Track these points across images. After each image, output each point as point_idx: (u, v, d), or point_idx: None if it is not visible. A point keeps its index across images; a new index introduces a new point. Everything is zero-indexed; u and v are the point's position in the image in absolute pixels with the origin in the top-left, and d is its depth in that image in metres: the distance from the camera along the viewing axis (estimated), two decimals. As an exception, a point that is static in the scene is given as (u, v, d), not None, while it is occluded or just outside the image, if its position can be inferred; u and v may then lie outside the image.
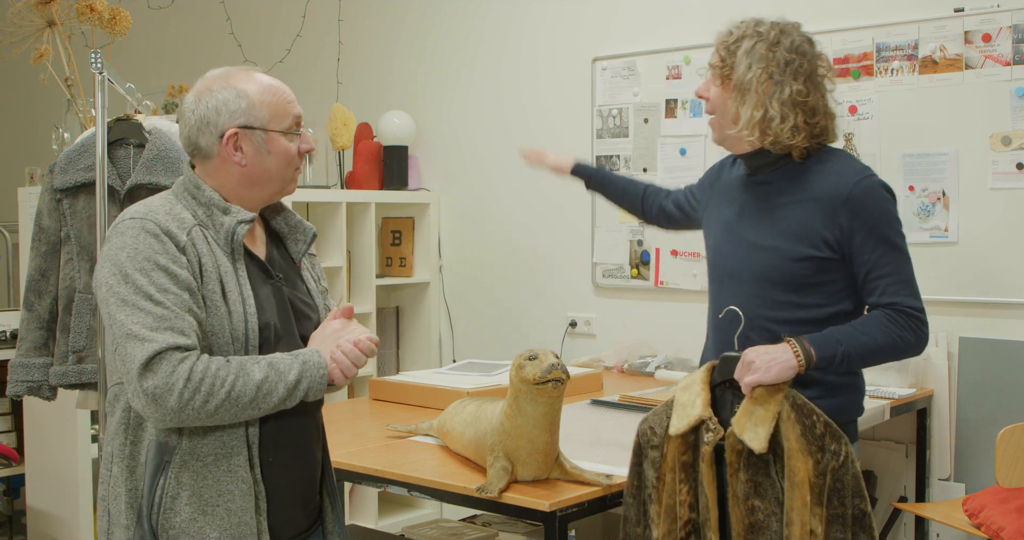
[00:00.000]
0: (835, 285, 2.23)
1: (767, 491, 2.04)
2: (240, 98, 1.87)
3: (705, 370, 2.17)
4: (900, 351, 2.19)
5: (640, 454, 2.22)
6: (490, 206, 4.53)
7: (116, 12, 3.41)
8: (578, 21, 4.24)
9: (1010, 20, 3.29)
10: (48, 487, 3.98)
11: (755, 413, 2.04)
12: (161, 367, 1.71)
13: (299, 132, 1.93)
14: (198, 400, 1.72)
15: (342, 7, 4.95)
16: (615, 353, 3.97)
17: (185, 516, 1.79)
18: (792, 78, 2.22)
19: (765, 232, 2.27)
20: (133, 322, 1.73)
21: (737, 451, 2.05)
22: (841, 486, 2.01)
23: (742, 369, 2.08)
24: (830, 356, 2.11)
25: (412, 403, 3.20)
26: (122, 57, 4.42)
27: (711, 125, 2.34)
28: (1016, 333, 3.33)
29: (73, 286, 2.92)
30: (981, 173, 3.35)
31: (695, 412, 2.11)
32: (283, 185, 1.94)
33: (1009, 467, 3.01)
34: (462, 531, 3.36)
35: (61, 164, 2.95)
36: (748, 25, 2.27)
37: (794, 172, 2.27)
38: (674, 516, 2.13)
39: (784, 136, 2.21)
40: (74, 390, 2.97)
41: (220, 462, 1.80)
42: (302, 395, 1.82)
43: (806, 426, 2.02)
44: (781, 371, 2.05)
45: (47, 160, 3.58)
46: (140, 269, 1.76)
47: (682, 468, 2.13)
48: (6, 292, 6.03)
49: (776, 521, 2.03)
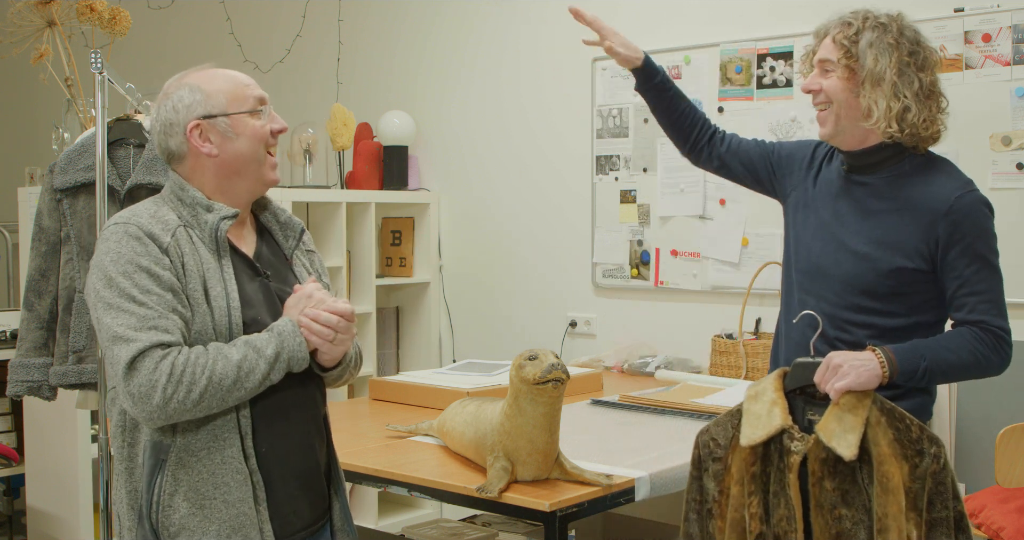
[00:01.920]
0: (922, 296, 2.20)
1: (854, 499, 1.98)
2: (194, 92, 1.90)
3: (777, 377, 2.09)
4: (982, 370, 2.16)
5: (700, 467, 2.13)
6: (490, 206, 4.53)
7: (116, 12, 3.41)
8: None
9: (1010, 20, 3.29)
10: (48, 487, 3.98)
11: (844, 419, 1.97)
12: (144, 365, 1.73)
13: (265, 110, 1.94)
14: (181, 392, 1.73)
15: (342, 7, 4.95)
16: (615, 353, 3.97)
17: (184, 512, 1.80)
18: (918, 69, 2.20)
19: (860, 237, 2.23)
20: (118, 324, 1.76)
21: (821, 460, 1.99)
22: (943, 489, 1.96)
23: (827, 374, 2.01)
24: (912, 369, 2.08)
25: (412, 403, 3.20)
26: (122, 57, 4.42)
27: (823, 118, 2.27)
28: (1016, 333, 3.32)
29: (73, 286, 2.92)
30: (981, 173, 3.34)
31: (775, 422, 2.02)
32: (259, 169, 1.93)
33: (1009, 467, 3.01)
34: (462, 531, 3.36)
35: (61, 164, 2.95)
36: (862, 16, 2.22)
37: (896, 176, 2.25)
38: (741, 529, 2.05)
39: (920, 127, 2.20)
40: (74, 390, 2.97)
41: (213, 454, 1.82)
42: (285, 367, 1.83)
43: (899, 430, 1.97)
44: (870, 377, 2.00)
45: (47, 160, 3.58)
46: (123, 272, 1.78)
47: (751, 480, 2.05)
48: (6, 292, 6.03)
49: (864, 529, 1.97)
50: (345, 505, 2.08)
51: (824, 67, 2.25)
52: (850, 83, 2.21)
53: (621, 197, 4.12)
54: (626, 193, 4.11)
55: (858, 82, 2.20)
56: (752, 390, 2.12)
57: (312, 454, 1.99)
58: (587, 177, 4.22)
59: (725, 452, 2.11)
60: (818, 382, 2.02)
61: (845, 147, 2.29)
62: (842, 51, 2.21)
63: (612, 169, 4.14)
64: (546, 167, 4.36)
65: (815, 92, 2.27)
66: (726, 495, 2.10)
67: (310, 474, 1.98)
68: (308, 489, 1.97)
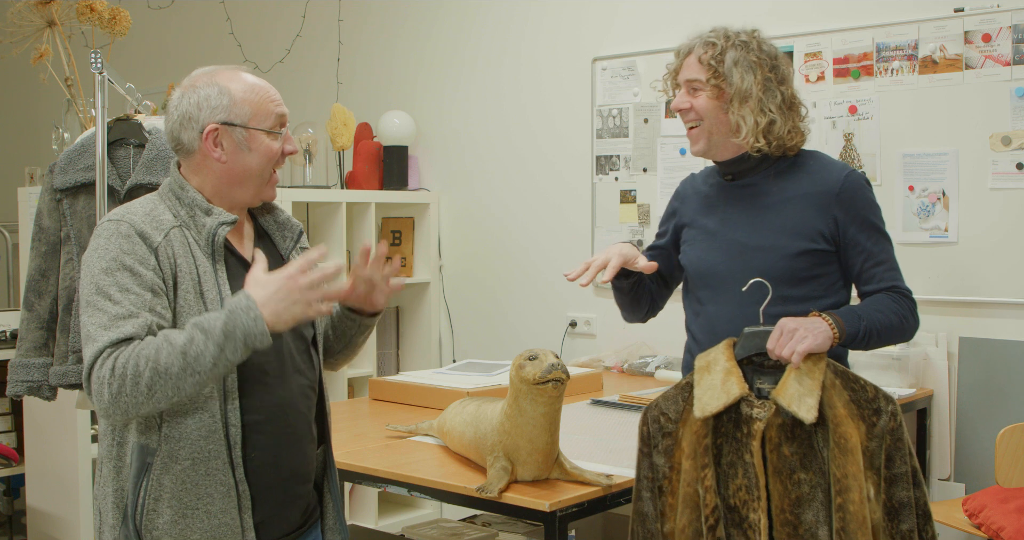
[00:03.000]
0: (830, 277, 2.28)
1: (811, 462, 2.01)
2: (222, 95, 1.87)
3: (727, 347, 2.10)
4: (903, 332, 2.24)
5: (650, 443, 2.13)
6: (490, 206, 4.53)
7: (116, 12, 3.41)
8: (578, 21, 4.24)
9: (1010, 20, 3.29)
10: (48, 487, 3.98)
11: (802, 383, 2.00)
12: (98, 363, 1.72)
13: (282, 132, 1.93)
14: (128, 386, 1.70)
15: (342, 7, 4.95)
16: (615, 353, 3.97)
17: (167, 518, 1.80)
18: (779, 83, 2.29)
19: (757, 233, 2.29)
20: (92, 322, 1.76)
21: (778, 425, 2.01)
22: (901, 445, 2.00)
23: (782, 339, 2.03)
24: (855, 331, 2.13)
25: (412, 403, 3.20)
26: (122, 57, 4.42)
27: (696, 136, 2.33)
28: (1016, 333, 3.33)
29: (73, 286, 2.92)
30: (981, 173, 3.35)
31: (733, 391, 2.03)
32: (261, 185, 1.93)
33: (1009, 467, 3.01)
34: (462, 531, 3.36)
35: (61, 164, 2.95)
36: (723, 35, 2.30)
37: (777, 173, 2.32)
38: (695, 504, 2.05)
39: (786, 138, 2.28)
40: (74, 390, 2.97)
41: (198, 465, 1.80)
42: (240, 345, 1.72)
43: (855, 391, 2.01)
44: (825, 339, 2.05)
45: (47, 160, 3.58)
46: (105, 269, 1.78)
47: (704, 452, 2.05)
48: (6, 292, 6.03)
49: (821, 491, 2.00)
50: (338, 504, 2.08)
51: (692, 86, 2.31)
52: (719, 101, 2.28)
53: (621, 197, 4.12)
54: (626, 193, 4.11)
55: (726, 100, 2.27)
56: (702, 361, 2.12)
57: (304, 457, 1.97)
58: (587, 177, 4.22)
59: (675, 427, 2.11)
60: (771, 349, 2.05)
61: (720, 158, 2.36)
62: (710, 71, 2.27)
63: (612, 169, 4.14)
64: (546, 167, 4.36)
65: (685, 111, 2.33)
66: (677, 471, 2.10)
67: (301, 477, 1.96)
68: (297, 492, 1.96)
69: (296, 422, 1.94)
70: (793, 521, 2.00)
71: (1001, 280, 3.34)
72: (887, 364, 3.36)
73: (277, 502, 1.91)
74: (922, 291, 2.26)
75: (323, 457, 2.06)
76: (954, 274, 3.39)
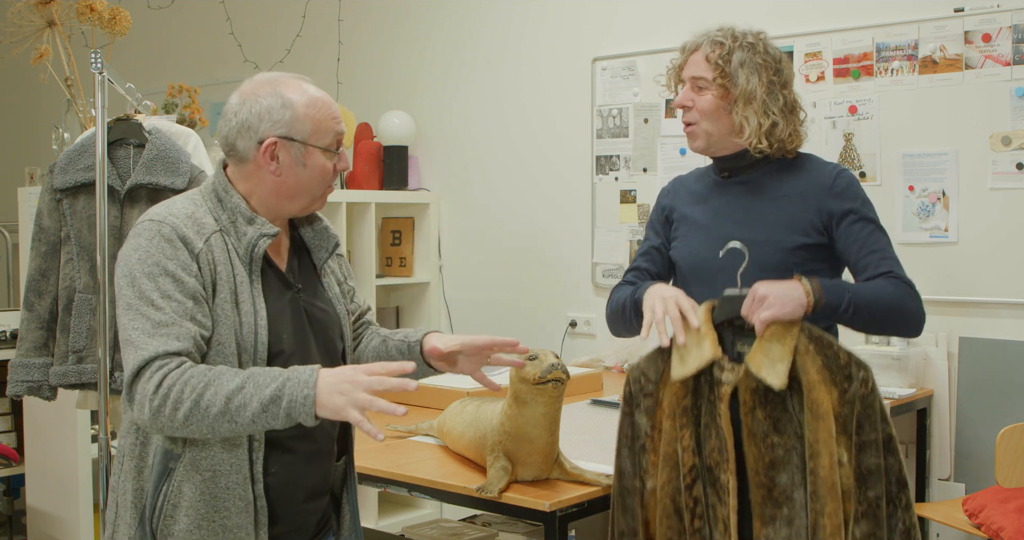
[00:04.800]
0: (826, 274, 2.27)
1: (786, 426, 2.01)
2: (285, 108, 1.83)
3: (705, 310, 2.11)
4: (904, 314, 2.19)
5: (632, 403, 2.16)
6: (490, 206, 4.53)
7: (116, 12, 3.41)
8: (578, 21, 4.24)
9: (1010, 20, 3.29)
10: (48, 487, 3.98)
11: (772, 350, 2.00)
12: (144, 375, 1.70)
13: (339, 150, 1.89)
14: (167, 409, 1.68)
15: (342, 7, 4.95)
16: (615, 353, 3.97)
17: (183, 526, 1.78)
18: (782, 86, 2.30)
19: (752, 227, 2.29)
20: (133, 327, 1.73)
21: (752, 389, 2.02)
22: (872, 412, 1.99)
23: (754, 305, 2.04)
24: (837, 302, 2.10)
25: (412, 403, 3.20)
26: (122, 57, 4.42)
27: (695, 133, 2.34)
28: (1016, 333, 3.33)
29: (73, 286, 2.92)
30: (981, 173, 3.35)
31: (706, 354, 2.05)
32: (312, 201, 1.90)
33: (1009, 467, 3.01)
34: (462, 531, 3.36)
35: (61, 164, 2.95)
36: (730, 35, 2.30)
37: (773, 171, 2.33)
38: (674, 463, 2.08)
39: (787, 141, 2.30)
40: (74, 390, 2.98)
41: (218, 478, 1.78)
42: (283, 413, 1.67)
43: (828, 357, 2.00)
44: (795, 307, 2.03)
45: (47, 160, 3.58)
46: (148, 274, 1.75)
47: (683, 413, 2.08)
48: (6, 292, 6.03)
49: (796, 455, 2.01)
50: (355, 514, 2.06)
51: (697, 84, 2.31)
52: (723, 101, 2.29)
53: (621, 197, 4.12)
54: (626, 193, 4.11)
55: (731, 100, 2.28)
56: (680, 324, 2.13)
57: (325, 474, 1.95)
58: (587, 177, 4.22)
59: (656, 387, 2.13)
60: (745, 315, 2.05)
61: (718, 154, 2.36)
62: (717, 70, 2.28)
63: (612, 169, 4.14)
64: (546, 167, 4.36)
65: (687, 108, 2.33)
66: (658, 430, 2.12)
67: (319, 492, 1.95)
68: (314, 507, 1.95)
69: (320, 439, 1.92)
70: (767, 483, 2.02)
71: (1001, 280, 3.34)
72: (887, 364, 3.36)
73: (293, 517, 1.90)
74: (922, 291, 2.25)
75: (344, 468, 2.04)
76: (954, 274, 3.39)
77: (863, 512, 1.98)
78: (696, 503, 2.07)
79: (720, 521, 2.04)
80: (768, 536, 2.02)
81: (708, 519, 2.06)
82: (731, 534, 2.03)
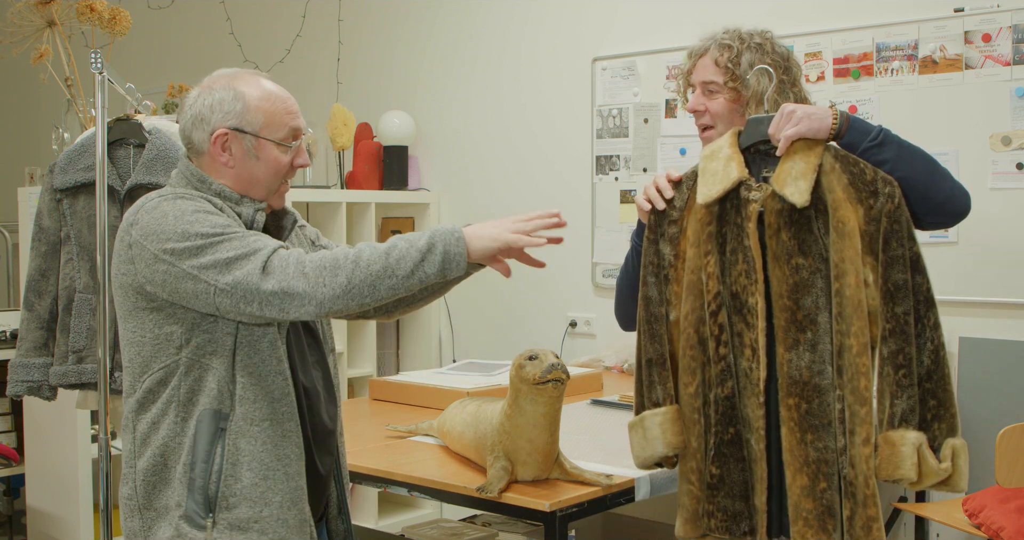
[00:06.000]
0: None
1: (810, 248, 2.01)
2: (236, 100, 1.87)
3: (731, 134, 2.12)
4: (942, 173, 2.07)
5: (657, 231, 2.16)
6: (490, 206, 4.52)
7: (116, 12, 3.41)
8: (578, 21, 4.24)
9: (1010, 20, 3.29)
10: (48, 487, 3.98)
11: (795, 167, 2.00)
12: (275, 265, 1.71)
13: (294, 145, 1.91)
14: (326, 276, 1.70)
15: (342, 7, 4.96)
16: (615, 353, 3.97)
17: (247, 482, 1.79)
18: (791, 84, 2.29)
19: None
20: (224, 252, 1.73)
21: (777, 211, 2.02)
22: (899, 227, 1.98)
23: (782, 121, 2.04)
24: (866, 129, 2.07)
25: (412, 403, 3.20)
26: (122, 57, 4.42)
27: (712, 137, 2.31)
28: (1016, 333, 3.33)
29: (73, 286, 2.92)
30: (981, 173, 3.35)
31: (732, 175, 2.05)
32: (268, 195, 1.92)
33: (1009, 467, 3.01)
34: (462, 531, 3.36)
35: (61, 164, 2.95)
36: (738, 37, 2.29)
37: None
38: (698, 291, 2.08)
39: None
40: (74, 390, 2.97)
41: (276, 426, 1.81)
42: (440, 259, 1.74)
43: (853, 174, 1.99)
44: (821, 126, 2.02)
45: (47, 160, 3.58)
46: (194, 220, 1.76)
47: (708, 239, 2.08)
48: (6, 292, 6.03)
49: (821, 278, 2.00)
50: (346, 499, 2.11)
51: (708, 88, 2.30)
52: (736, 104, 2.28)
53: (621, 197, 4.12)
54: (626, 193, 4.11)
55: (743, 102, 2.27)
56: (707, 150, 2.15)
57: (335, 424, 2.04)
58: (587, 177, 4.22)
59: (680, 214, 2.13)
60: (772, 133, 2.06)
61: None
62: (727, 74, 2.27)
63: (612, 169, 4.14)
64: (546, 167, 4.36)
65: (700, 113, 2.33)
66: (681, 259, 2.12)
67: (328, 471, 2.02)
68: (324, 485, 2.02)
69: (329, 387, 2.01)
70: (791, 307, 2.01)
71: (1001, 280, 3.34)
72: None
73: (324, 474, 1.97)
74: (922, 291, 2.24)
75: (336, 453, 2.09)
76: (954, 274, 3.39)
77: (891, 330, 1.97)
78: (721, 330, 2.06)
79: (747, 347, 2.04)
80: (791, 360, 2.01)
81: (733, 346, 2.06)
82: (759, 357, 2.02)
